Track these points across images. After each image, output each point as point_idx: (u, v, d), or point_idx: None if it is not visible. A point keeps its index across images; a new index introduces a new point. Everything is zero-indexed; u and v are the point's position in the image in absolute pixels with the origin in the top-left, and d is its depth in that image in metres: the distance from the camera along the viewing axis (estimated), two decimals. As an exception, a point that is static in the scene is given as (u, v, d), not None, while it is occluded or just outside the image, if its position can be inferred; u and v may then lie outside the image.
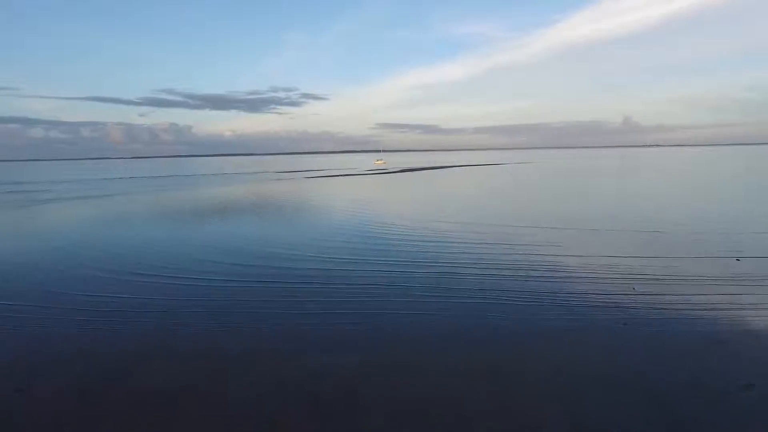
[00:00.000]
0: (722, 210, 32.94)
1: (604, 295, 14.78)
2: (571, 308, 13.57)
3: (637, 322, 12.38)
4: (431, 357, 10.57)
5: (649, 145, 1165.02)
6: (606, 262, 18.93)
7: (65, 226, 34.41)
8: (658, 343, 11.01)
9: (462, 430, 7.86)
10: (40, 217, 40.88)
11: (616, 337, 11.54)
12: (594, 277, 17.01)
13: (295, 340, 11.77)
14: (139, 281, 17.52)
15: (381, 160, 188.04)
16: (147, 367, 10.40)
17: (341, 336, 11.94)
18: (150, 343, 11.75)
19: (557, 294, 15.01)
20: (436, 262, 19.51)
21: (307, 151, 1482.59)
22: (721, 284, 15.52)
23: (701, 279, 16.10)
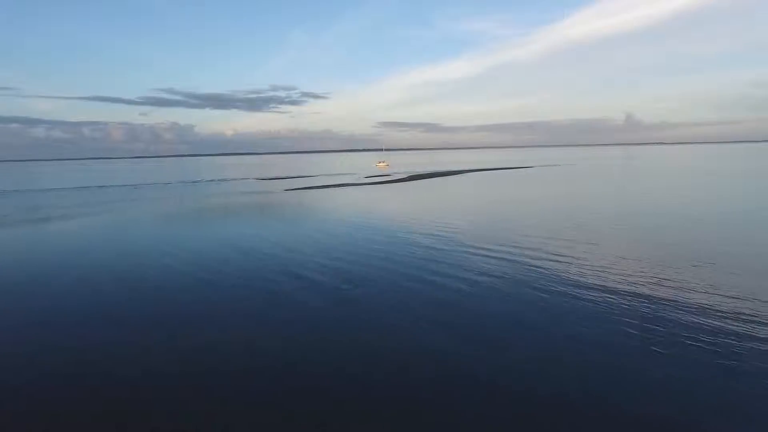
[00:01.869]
0: None
1: None
2: None
3: None
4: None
5: (653, 143, 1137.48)
6: None
7: None
8: None
9: None
10: None
11: None
12: None
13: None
14: None
15: (383, 162, 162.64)
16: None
17: None
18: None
19: None
20: None
21: (308, 149, 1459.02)
22: None
23: None
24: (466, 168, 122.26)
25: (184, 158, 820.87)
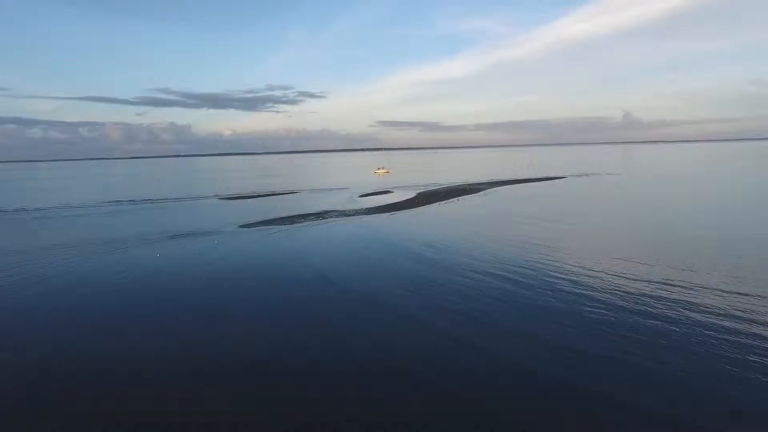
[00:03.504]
0: None
1: None
2: None
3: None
4: None
5: (652, 142, 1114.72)
6: None
7: None
8: None
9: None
10: None
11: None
12: None
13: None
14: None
15: (383, 168, 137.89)
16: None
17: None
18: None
19: None
20: None
21: (307, 149, 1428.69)
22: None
23: None
24: (485, 179, 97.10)
25: (180, 159, 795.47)
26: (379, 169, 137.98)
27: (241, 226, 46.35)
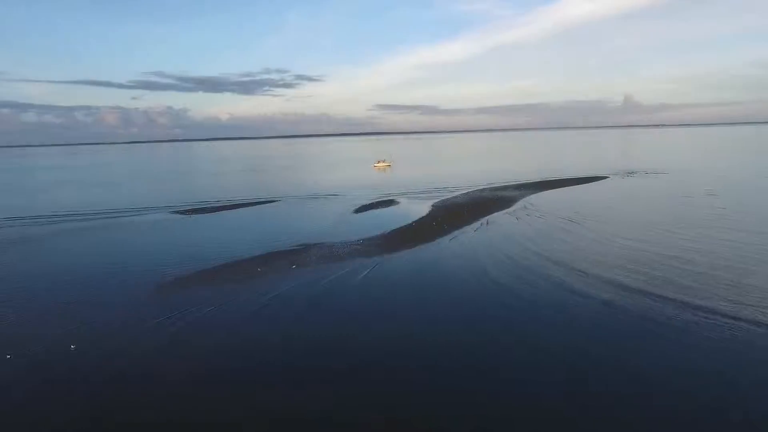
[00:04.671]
0: None
1: None
2: None
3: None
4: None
5: (653, 125, 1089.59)
6: None
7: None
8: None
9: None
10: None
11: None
12: None
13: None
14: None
15: (383, 161, 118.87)
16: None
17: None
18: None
19: None
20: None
21: (304, 133, 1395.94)
22: None
23: None
24: (511, 180, 78.39)
25: (176, 144, 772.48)
26: (379, 162, 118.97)
27: (159, 288, 28.06)
